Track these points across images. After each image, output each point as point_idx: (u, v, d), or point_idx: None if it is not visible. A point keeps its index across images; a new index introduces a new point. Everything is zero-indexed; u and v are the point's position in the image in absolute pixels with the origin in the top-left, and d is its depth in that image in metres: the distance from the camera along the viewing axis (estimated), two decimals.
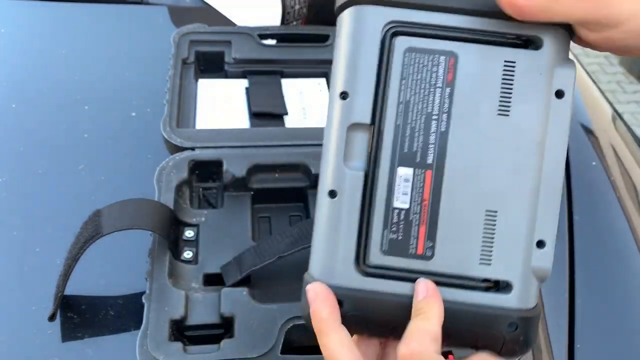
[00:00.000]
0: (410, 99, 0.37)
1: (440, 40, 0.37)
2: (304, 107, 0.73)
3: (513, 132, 0.37)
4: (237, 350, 0.47)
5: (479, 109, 0.37)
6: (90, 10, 0.91)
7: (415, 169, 0.38)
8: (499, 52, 0.37)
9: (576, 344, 0.57)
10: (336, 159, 0.38)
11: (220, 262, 0.54)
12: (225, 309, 0.50)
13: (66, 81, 0.79)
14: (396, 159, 0.38)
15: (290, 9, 0.83)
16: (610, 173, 0.77)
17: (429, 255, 0.38)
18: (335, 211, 0.38)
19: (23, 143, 0.70)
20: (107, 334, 0.53)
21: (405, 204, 0.38)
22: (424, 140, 0.37)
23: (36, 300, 0.54)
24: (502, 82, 0.37)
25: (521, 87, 0.37)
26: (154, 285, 0.51)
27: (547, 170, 0.37)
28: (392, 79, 0.37)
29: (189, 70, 0.75)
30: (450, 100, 0.37)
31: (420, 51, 0.37)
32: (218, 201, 0.62)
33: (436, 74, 0.37)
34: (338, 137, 0.38)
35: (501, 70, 0.37)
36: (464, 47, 0.37)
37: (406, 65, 0.37)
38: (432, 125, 0.37)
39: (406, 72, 0.37)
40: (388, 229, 0.38)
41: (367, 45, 0.37)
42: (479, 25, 0.37)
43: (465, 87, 0.37)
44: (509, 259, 0.38)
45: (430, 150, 0.37)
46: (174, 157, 0.62)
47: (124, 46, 0.86)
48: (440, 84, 0.37)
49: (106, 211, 0.53)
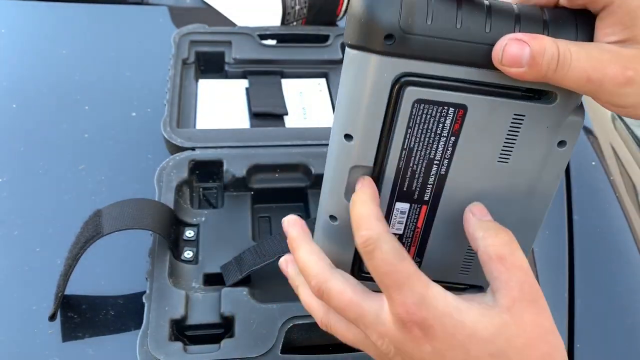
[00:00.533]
0: (414, 146, 0.37)
1: (451, 92, 0.36)
2: (304, 107, 0.73)
3: (508, 176, 0.38)
4: (237, 350, 0.47)
5: (480, 156, 0.38)
6: (90, 11, 0.91)
7: (412, 204, 0.40)
8: (509, 105, 0.36)
9: (576, 344, 0.58)
10: (337, 193, 0.40)
11: (221, 262, 0.54)
12: (225, 308, 0.50)
13: (66, 81, 0.79)
14: (395, 195, 0.39)
15: (291, 10, 0.83)
16: (610, 173, 0.77)
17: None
18: (334, 234, 0.41)
19: (23, 143, 0.70)
20: (107, 334, 0.53)
21: (399, 230, 0.41)
22: (423, 181, 0.39)
23: (36, 300, 0.54)
24: (508, 133, 0.37)
25: (525, 138, 0.37)
26: (154, 285, 0.51)
27: (533, 206, 0.39)
28: (398, 127, 0.37)
29: (189, 70, 0.75)
30: (454, 148, 0.37)
31: (429, 102, 0.36)
32: (218, 201, 0.62)
33: (443, 124, 0.37)
34: (340, 175, 0.39)
35: (509, 122, 0.37)
36: (475, 99, 0.36)
37: (414, 115, 0.36)
38: (433, 169, 0.38)
39: (413, 121, 0.37)
40: None
41: (376, 93, 0.36)
42: (490, 79, 0.35)
43: (470, 137, 0.37)
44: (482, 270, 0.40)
45: (428, 189, 0.39)
46: (174, 157, 0.62)
47: (124, 46, 0.86)
48: (446, 133, 0.37)
49: (106, 211, 0.53)
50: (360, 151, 0.38)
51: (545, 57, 0.32)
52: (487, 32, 0.34)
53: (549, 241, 0.64)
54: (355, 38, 0.34)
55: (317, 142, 0.65)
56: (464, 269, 0.42)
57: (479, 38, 0.34)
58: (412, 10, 0.33)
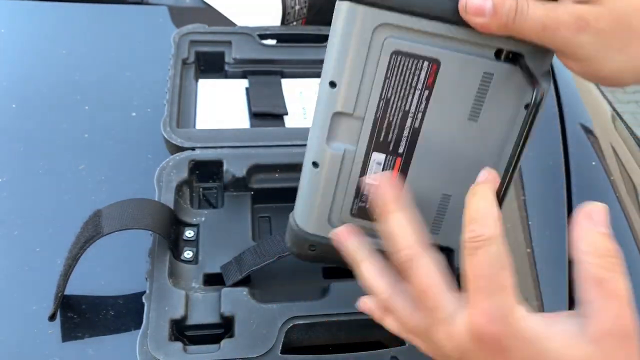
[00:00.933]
0: (391, 97, 0.40)
1: (426, 46, 0.39)
2: (304, 107, 0.73)
3: (478, 134, 0.41)
4: (237, 350, 0.47)
5: (451, 112, 0.40)
6: (90, 11, 0.91)
7: (388, 155, 0.42)
8: (480, 63, 0.39)
9: None
10: (320, 138, 0.42)
11: (221, 262, 0.54)
12: (225, 308, 0.50)
13: (66, 81, 0.79)
14: (372, 145, 0.42)
15: (291, 9, 0.83)
16: (610, 173, 0.77)
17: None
18: (315, 179, 0.43)
19: (23, 143, 0.70)
20: (107, 334, 0.53)
21: (375, 181, 0.42)
22: (398, 133, 0.41)
23: (36, 300, 0.54)
24: (478, 90, 0.40)
25: (493, 97, 0.40)
26: (154, 285, 0.51)
27: (500, 169, 0.39)
28: (377, 77, 0.40)
29: (189, 70, 0.75)
30: (427, 101, 0.40)
31: (406, 55, 0.39)
32: (218, 201, 0.62)
33: (418, 77, 0.40)
34: (323, 121, 0.42)
35: (479, 80, 0.39)
36: (448, 55, 0.39)
37: (391, 66, 0.39)
38: (407, 122, 0.41)
39: (390, 72, 0.40)
40: (358, 199, 0.44)
41: (358, 42, 0.39)
42: (464, 36, 0.38)
43: (443, 92, 0.40)
44: (453, 231, 0.42)
45: (403, 142, 0.42)
46: (174, 157, 0.62)
47: (124, 46, 0.86)
48: (420, 86, 0.40)
49: (106, 211, 0.53)
50: (342, 98, 0.41)
51: (505, 7, 0.35)
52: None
53: (549, 241, 0.64)
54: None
55: None
56: (434, 228, 0.44)
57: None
58: None
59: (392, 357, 0.48)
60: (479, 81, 0.39)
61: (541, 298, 0.61)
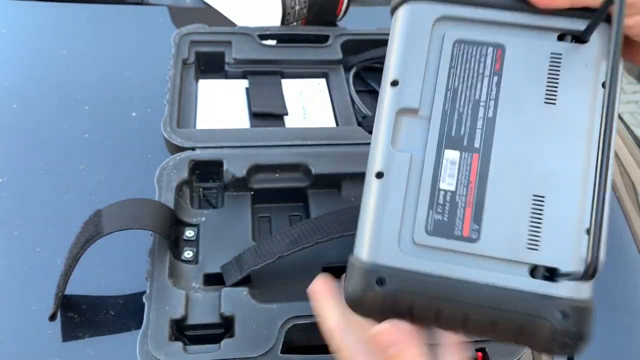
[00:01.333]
0: (458, 87, 0.39)
1: (489, 32, 0.39)
2: (304, 107, 0.73)
3: (561, 119, 0.38)
4: (237, 349, 0.47)
5: (526, 97, 0.38)
6: (90, 11, 0.91)
7: (462, 152, 0.38)
8: (545, 44, 0.38)
9: None
10: (384, 142, 0.39)
11: (221, 262, 0.54)
12: (225, 308, 0.50)
13: (66, 81, 0.79)
14: (443, 142, 0.38)
15: (291, 10, 0.83)
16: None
17: (475, 238, 0.37)
18: (381, 192, 0.38)
19: (23, 143, 0.70)
20: (107, 334, 0.53)
21: (451, 185, 0.38)
22: (471, 125, 0.38)
23: (37, 300, 0.54)
24: (549, 72, 0.38)
25: (568, 78, 0.38)
26: (154, 285, 0.51)
27: (596, 157, 0.36)
28: (441, 67, 0.38)
29: (190, 70, 0.75)
30: (498, 88, 0.38)
31: (469, 42, 0.39)
32: (218, 201, 0.62)
33: (484, 63, 0.39)
34: (387, 121, 0.39)
35: (547, 61, 0.38)
36: (511, 39, 0.38)
37: (455, 55, 0.39)
38: (480, 111, 0.38)
39: (455, 61, 0.39)
40: (434, 210, 0.38)
41: (418, 37, 0.39)
42: (525, 21, 0.38)
43: (513, 76, 0.38)
44: (558, 245, 0.36)
45: (477, 135, 0.38)
46: (174, 157, 0.62)
47: (124, 46, 0.86)
48: (488, 72, 0.38)
49: (107, 211, 0.53)
50: (406, 93, 0.39)
51: None
52: None
53: None
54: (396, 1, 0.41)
55: (317, 142, 0.65)
56: (533, 241, 0.37)
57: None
58: None
59: None
60: (548, 62, 0.38)
61: None
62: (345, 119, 0.71)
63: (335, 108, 0.73)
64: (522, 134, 0.38)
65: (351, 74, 0.79)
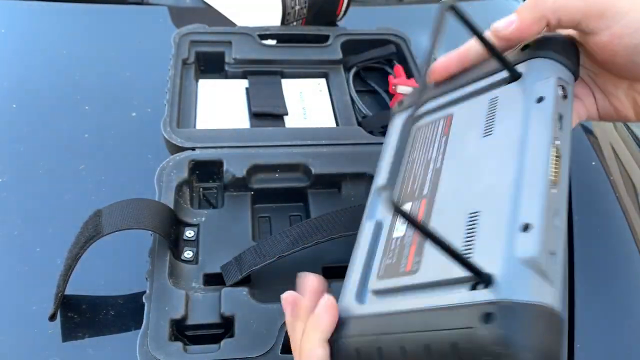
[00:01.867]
0: (415, 156, 0.46)
1: (441, 111, 0.46)
2: (304, 107, 0.73)
3: (497, 144, 0.39)
4: (238, 350, 0.47)
5: (468, 138, 0.42)
6: (90, 11, 0.91)
7: (414, 201, 0.42)
8: (485, 95, 0.43)
9: (576, 343, 0.58)
10: (363, 218, 0.47)
11: (221, 262, 0.54)
12: (225, 308, 0.50)
13: (67, 81, 0.79)
14: (400, 200, 0.43)
15: (291, 10, 0.83)
16: (610, 173, 0.77)
17: (415, 269, 0.37)
18: (352, 257, 0.44)
19: (24, 143, 0.70)
20: (107, 334, 0.53)
21: (401, 232, 0.41)
22: (422, 179, 0.43)
23: (36, 300, 0.54)
24: (488, 113, 0.42)
25: (504, 110, 0.41)
26: (154, 285, 0.51)
27: (529, 161, 0.35)
28: (406, 149, 0.46)
29: (190, 70, 0.75)
30: (445, 144, 0.43)
31: (426, 125, 0.47)
32: (218, 201, 0.62)
33: (436, 132, 0.45)
34: (368, 202, 0.48)
35: (487, 107, 0.42)
36: (458, 106, 0.45)
37: (416, 137, 0.47)
38: (430, 166, 0.43)
39: (415, 141, 0.47)
40: (386, 257, 0.41)
41: (393, 136, 0.51)
42: (470, 89, 0.44)
43: (458, 130, 0.43)
44: (489, 251, 0.33)
45: (427, 184, 0.42)
46: (174, 157, 0.62)
47: (124, 46, 0.86)
48: (439, 137, 0.44)
49: (107, 211, 0.53)
50: (380, 178, 0.49)
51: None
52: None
53: None
54: (396, 109, 0.53)
55: (317, 142, 0.65)
56: (466, 254, 0.35)
57: None
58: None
59: None
60: (487, 107, 0.42)
61: None
62: (345, 119, 0.71)
63: (335, 108, 0.73)
64: (463, 168, 0.40)
65: (351, 74, 0.79)
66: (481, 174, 0.38)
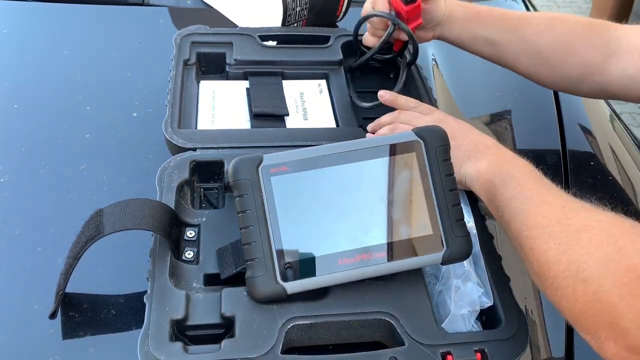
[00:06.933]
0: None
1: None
2: (304, 108, 0.74)
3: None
4: (238, 349, 0.47)
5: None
6: (91, 12, 0.92)
7: None
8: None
9: (575, 343, 0.58)
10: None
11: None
12: (225, 308, 0.50)
13: (68, 82, 0.79)
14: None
15: (291, 11, 0.83)
16: (609, 173, 0.77)
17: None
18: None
19: (25, 143, 0.70)
20: (108, 333, 0.53)
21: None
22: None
23: (38, 299, 0.54)
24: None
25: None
26: (155, 285, 0.51)
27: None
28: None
29: (191, 71, 0.75)
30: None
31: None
32: (219, 201, 0.62)
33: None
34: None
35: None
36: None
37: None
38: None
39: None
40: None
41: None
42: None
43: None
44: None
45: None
46: (175, 157, 0.62)
47: (125, 47, 0.86)
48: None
49: (108, 211, 0.53)
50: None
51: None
52: None
53: None
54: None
55: (318, 143, 0.65)
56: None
57: None
58: None
59: (391, 357, 0.48)
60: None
61: (540, 297, 0.61)
62: (346, 120, 0.72)
63: (336, 109, 0.73)
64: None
65: (351, 74, 0.79)
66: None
